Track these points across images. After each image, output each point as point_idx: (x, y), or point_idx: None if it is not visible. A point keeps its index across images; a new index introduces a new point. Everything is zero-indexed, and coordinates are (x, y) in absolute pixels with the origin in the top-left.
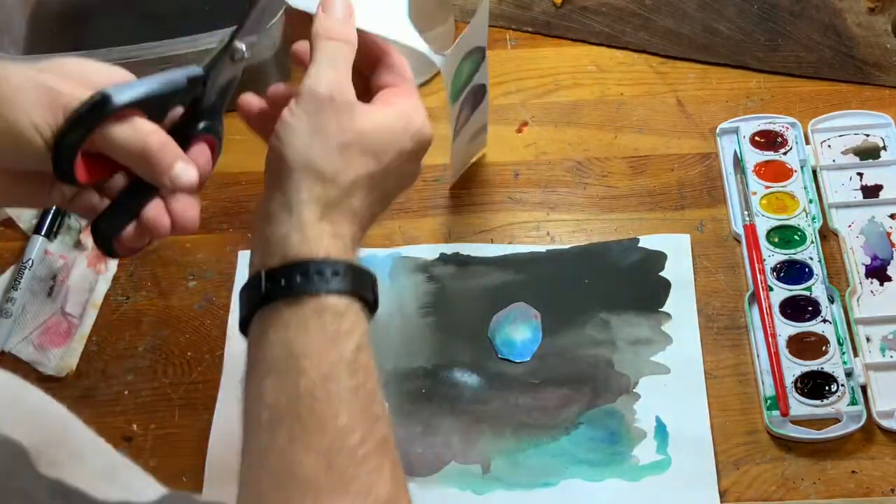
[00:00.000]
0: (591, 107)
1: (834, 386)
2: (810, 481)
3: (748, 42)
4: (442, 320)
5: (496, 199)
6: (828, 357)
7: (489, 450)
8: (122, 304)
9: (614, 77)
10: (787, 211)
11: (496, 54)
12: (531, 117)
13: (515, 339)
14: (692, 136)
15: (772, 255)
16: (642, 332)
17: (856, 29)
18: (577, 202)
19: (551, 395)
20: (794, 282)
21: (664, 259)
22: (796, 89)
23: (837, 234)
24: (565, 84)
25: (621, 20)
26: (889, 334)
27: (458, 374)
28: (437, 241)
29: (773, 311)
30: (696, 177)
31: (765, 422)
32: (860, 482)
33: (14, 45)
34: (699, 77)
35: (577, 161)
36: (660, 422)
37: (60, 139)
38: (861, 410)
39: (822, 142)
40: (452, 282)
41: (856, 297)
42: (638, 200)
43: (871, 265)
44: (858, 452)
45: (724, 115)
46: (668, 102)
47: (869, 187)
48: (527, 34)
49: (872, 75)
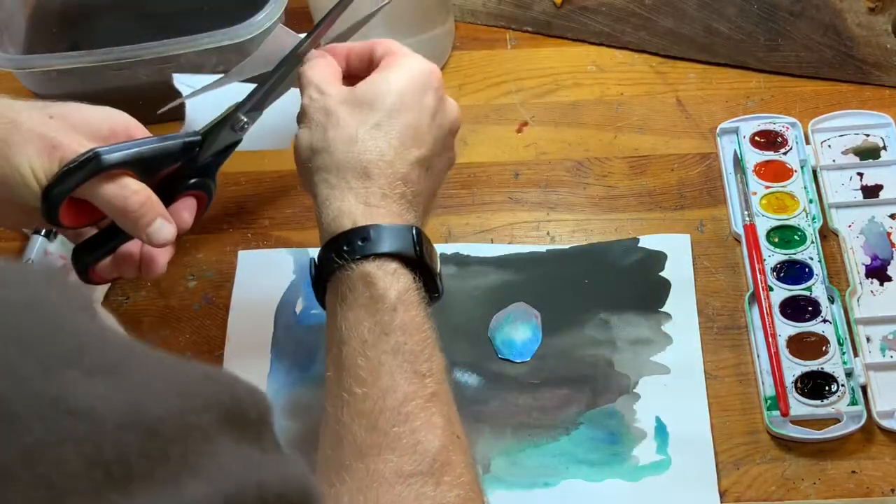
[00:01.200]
0: (591, 107)
1: (834, 386)
2: (810, 481)
3: (748, 42)
4: (442, 320)
5: (496, 199)
6: (828, 357)
7: (489, 450)
8: (123, 304)
9: (614, 77)
10: (787, 211)
11: (496, 54)
12: (531, 117)
13: (515, 339)
14: (692, 136)
15: (772, 255)
16: (642, 333)
17: (856, 29)
18: (577, 202)
19: (551, 396)
20: (794, 282)
21: (664, 259)
22: (796, 89)
23: (837, 234)
24: (565, 84)
25: (621, 20)
26: (889, 334)
27: (458, 374)
28: (437, 241)
29: (774, 311)
30: (696, 177)
31: (765, 422)
32: (860, 482)
33: (14, 45)
34: (699, 77)
35: (577, 161)
36: (660, 422)
37: (49, 189)
38: (861, 410)
39: (822, 142)
40: (452, 282)
41: (856, 297)
42: (638, 200)
43: (871, 265)
44: (858, 452)
45: (724, 115)
46: (668, 102)
47: (869, 187)
48: (527, 34)
49: (872, 75)
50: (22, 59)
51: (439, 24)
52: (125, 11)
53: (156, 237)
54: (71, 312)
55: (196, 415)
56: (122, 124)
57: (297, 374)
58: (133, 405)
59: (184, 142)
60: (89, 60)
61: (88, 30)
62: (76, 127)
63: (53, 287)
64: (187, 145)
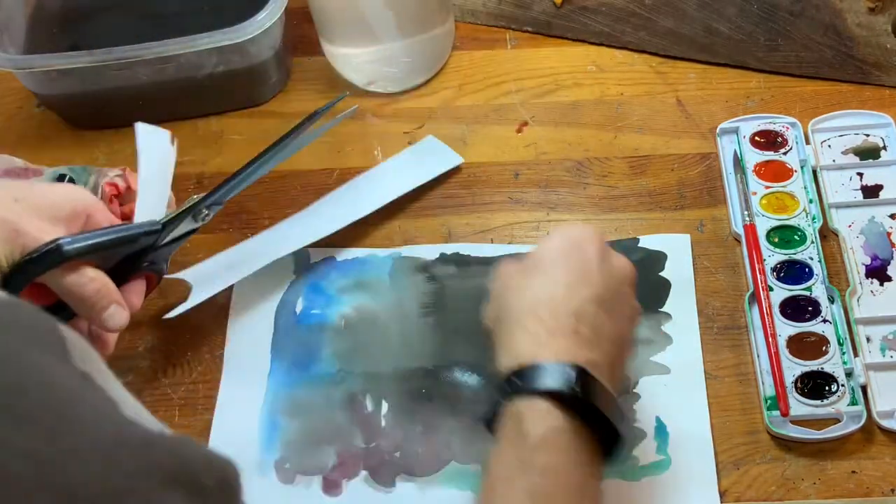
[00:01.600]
0: (591, 107)
1: (834, 386)
2: (810, 481)
3: (748, 42)
4: (442, 320)
5: (496, 199)
6: (828, 357)
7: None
8: None
9: (614, 77)
10: (787, 211)
11: (496, 54)
12: (531, 117)
13: None
14: (692, 136)
15: (772, 255)
16: (642, 332)
17: (856, 29)
18: (577, 202)
19: None
20: (794, 282)
21: (664, 259)
22: (796, 89)
23: (837, 234)
24: (565, 84)
25: (621, 20)
26: (889, 334)
27: (458, 374)
28: (437, 241)
29: (773, 311)
30: (696, 177)
31: (765, 422)
32: (860, 482)
33: (14, 45)
34: (699, 77)
35: (577, 161)
36: (660, 422)
37: (10, 277)
38: (861, 410)
39: (822, 142)
40: (452, 282)
41: (856, 297)
42: (638, 200)
43: (871, 265)
44: (858, 452)
45: (724, 115)
46: (668, 102)
47: (869, 187)
48: (527, 34)
49: (872, 75)
50: (22, 59)
51: (439, 24)
52: (125, 11)
53: (109, 323)
54: (18, 344)
55: (127, 479)
56: (83, 205)
57: (297, 374)
58: (54, 465)
59: (144, 231)
60: (89, 60)
61: (88, 30)
62: (40, 210)
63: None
64: (147, 234)
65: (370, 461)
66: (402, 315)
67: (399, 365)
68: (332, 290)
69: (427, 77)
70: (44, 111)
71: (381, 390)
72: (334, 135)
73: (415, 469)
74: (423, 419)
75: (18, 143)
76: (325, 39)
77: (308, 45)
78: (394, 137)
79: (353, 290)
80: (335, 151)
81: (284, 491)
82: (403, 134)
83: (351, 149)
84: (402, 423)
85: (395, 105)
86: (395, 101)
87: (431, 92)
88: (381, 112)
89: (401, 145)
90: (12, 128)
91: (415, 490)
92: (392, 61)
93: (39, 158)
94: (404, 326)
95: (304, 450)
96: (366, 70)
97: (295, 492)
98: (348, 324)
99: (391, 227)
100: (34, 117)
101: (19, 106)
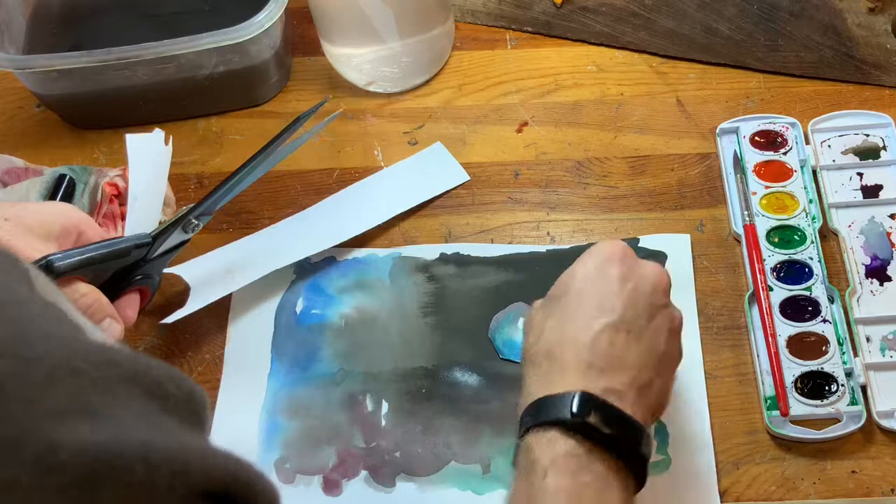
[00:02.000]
0: (591, 107)
1: (834, 386)
2: (810, 481)
3: (748, 42)
4: (442, 320)
5: (496, 199)
6: (828, 357)
7: (489, 450)
8: None
9: (614, 77)
10: (787, 211)
11: (496, 54)
12: (531, 117)
13: (516, 339)
14: (692, 136)
15: (772, 255)
16: None
17: (856, 29)
18: (577, 202)
19: None
20: (794, 282)
21: (664, 259)
22: (796, 89)
23: (837, 234)
24: (565, 84)
25: (621, 20)
26: (889, 334)
27: (458, 374)
28: (437, 241)
29: (773, 311)
30: (696, 177)
31: (765, 422)
32: (860, 482)
33: (14, 45)
34: (699, 77)
35: (577, 161)
36: (660, 422)
37: None
38: (861, 410)
39: (822, 142)
40: (452, 282)
41: (856, 297)
42: (638, 200)
43: (871, 265)
44: (858, 452)
45: (724, 115)
46: (668, 102)
47: (869, 187)
48: (527, 34)
49: (872, 75)
50: (22, 59)
51: (439, 24)
52: (125, 11)
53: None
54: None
55: (89, 365)
56: (74, 222)
57: (297, 374)
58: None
59: (134, 244)
60: (89, 60)
61: (88, 30)
62: (30, 228)
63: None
64: (138, 246)
65: (370, 461)
66: (402, 315)
67: (399, 365)
68: (332, 289)
69: (427, 77)
70: (44, 111)
71: (381, 390)
72: (334, 135)
73: (415, 469)
74: (423, 419)
75: (18, 143)
76: (325, 39)
77: (308, 45)
78: (394, 137)
79: (354, 289)
80: (335, 151)
81: (284, 491)
82: (403, 134)
83: (351, 149)
84: (402, 423)
85: (395, 105)
86: (395, 101)
87: (431, 92)
88: (381, 112)
89: (401, 145)
90: (12, 128)
91: (415, 490)
92: (392, 61)
93: (39, 158)
94: (404, 326)
95: (304, 450)
96: (366, 70)
97: (295, 492)
98: (348, 324)
99: (391, 227)
100: (34, 117)
101: (19, 106)
